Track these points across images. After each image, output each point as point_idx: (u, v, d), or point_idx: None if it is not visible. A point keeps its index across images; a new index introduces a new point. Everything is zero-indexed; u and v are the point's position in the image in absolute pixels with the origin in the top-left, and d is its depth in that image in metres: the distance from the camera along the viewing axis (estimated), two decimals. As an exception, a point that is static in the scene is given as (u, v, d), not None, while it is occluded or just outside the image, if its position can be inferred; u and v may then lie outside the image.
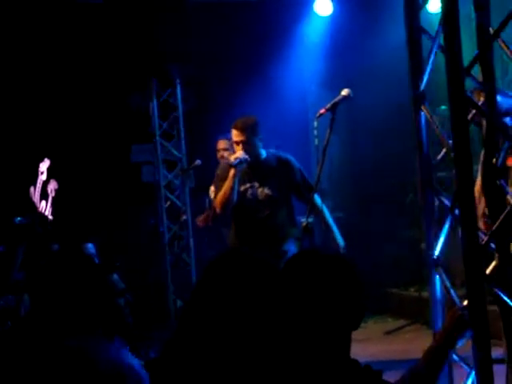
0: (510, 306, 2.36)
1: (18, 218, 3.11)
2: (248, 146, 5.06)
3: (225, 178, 5.11)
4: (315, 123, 4.22)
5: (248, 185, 5.15)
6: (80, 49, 7.57)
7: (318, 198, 4.97)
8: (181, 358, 1.88)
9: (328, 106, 4.24)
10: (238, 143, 5.11)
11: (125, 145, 8.21)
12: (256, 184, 5.15)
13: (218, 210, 5.25)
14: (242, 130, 5.08)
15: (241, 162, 5.02)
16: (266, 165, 5.19)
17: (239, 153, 5.05)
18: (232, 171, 5.02)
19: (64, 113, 7.93)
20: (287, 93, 7.66)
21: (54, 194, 8.68)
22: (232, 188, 5.05)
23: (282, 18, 7.56)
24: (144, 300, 6.84)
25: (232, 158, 5.09)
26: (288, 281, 1.94)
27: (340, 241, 4.99)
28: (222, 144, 6.50)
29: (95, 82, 7.84)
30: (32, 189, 8.72)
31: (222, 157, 6.47)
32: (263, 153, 5.20)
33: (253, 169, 5.17)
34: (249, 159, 5.05)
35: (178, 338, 1.94)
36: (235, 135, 5.11)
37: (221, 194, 5.10)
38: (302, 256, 2.05)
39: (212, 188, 6.13)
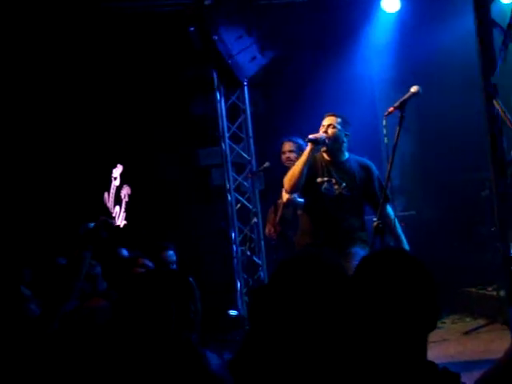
0: None
1: (91, 224, 3.17)
2: (332, 130, 5.04)
3: None
4: (384, 121, 4.17)
5: (326, 178, 5.12)
6: (147, 55, 7.70)
7: (390, 210, 4.96)
8: (258, 357, 1.89)
9: (397, 103, 4.18)
10: (326, 126, 5.09)
11: (192, 148, 8.30)
12: (333, 180, 5.11)
13: (286, 186, 5.24)
14: (334, 116, 5.09)
15: (317, 140, 4.99)
16: (347, 165, 5.17)
17: (320, 133, 5.04)
18: (309, 147, 5.01)
19: (134, 119, 8.07)
20: (356, 91, 7.59)
21: (127, 199, 8.88)
22: (303, 165, 5.01)
23: (350, 17, 7.51)
24: (215, 303, 6.89)
25: (311, 136, 5.07)
26: (364, 281, 1.92)
27: None
28: (287, 146, 6.48)
29: (162, 86, 7.96)
30: (106, 194, 8.93)
31: (288, 159, 6.46)
32: (346, 153, 5.18)
33: (333, 165, 5.15)
34: (327, 141, 5.02)
35: (253, 338, 1.94)
36: (326, 120, 5.10)
37: (291, 171, 5.10)
38: (377, 256, 2.02)
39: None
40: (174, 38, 7.39)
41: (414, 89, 4.20)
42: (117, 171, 8.91)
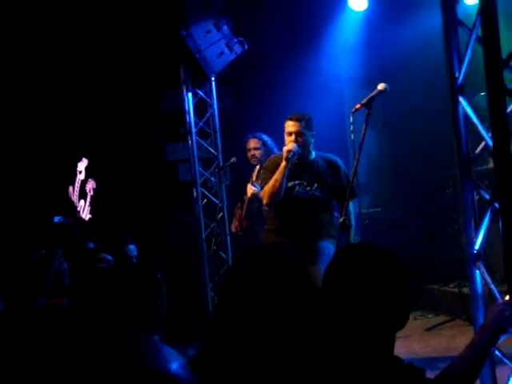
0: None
1: (57, 218, 3.13)
2: (301, 138, 5.06)
3: (274, 171, 5.12)
4: (351, 118, 4.19)
5: (297, 181, 5.16)
6: (114, 49, 7.64)
7: (352, 206, 4.99)
8: (219, 356, 1.88)
9: (364, 100, 4.21)
10: (291, 134, 5.09)
11: (160, 143, 8.27)
12: (304, 183, 5.17)
13: (265, 201, 5.26)
14: (297, 121, 5.07)
15: (294, 154, 5.02)
16: (316, 165, 5.20)
17: (291, 145, 5.04)
18: (284, 163, 5.03)
19: (100, 112, 8.01)
20: (323, 89, 7.63)
21: (92, 193, 8.80)
22: (282, 180, 5.07)
23: (317, 15, 7.54)
24: (181, 297, 6.88)
25: (285, 150, 5.07)
26: (335, 276, 1.92)
27: None
28: (252, 143, 6.49)
29: (130, 81, 7.90)
30: (71, 188, 8.83)
31: (253, 156, 6.46)
32: (313, 152, 5.22)
33: (302, 166, 5.18)
34: (300, 152, 5.04)
35: (213, 336, 1.93)
36: (290, 126, 5.09)
37: (269, 185, 5.12)
38: (349, 252, 2.01)
39: (249, 185, 6.14)
40: (143, 31, 7.34)
41: (380, 86, 4.23)
42: (82, 165, 8.84)
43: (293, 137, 5.06)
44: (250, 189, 5.96)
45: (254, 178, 6.50)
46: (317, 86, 7.50)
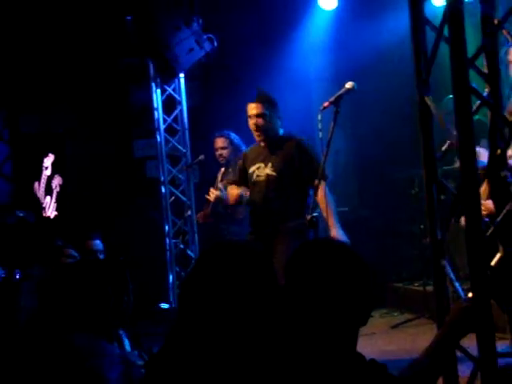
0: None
1: (20, 213, 3.11)
2: (262, 119, 4.82)
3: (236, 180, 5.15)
4: (319, 116, 4.19)
5: (256, 166, 4.94)
6: (83, 44, 7.57)
7: (327, 190, 4.70)
8: (177, 356, 1.86)
9: (332, 99, 4.22)
10: (251, 117, 4.84)
11: (128, 140, 8.23)
12: (262, 164, 4.92)
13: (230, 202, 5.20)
14: (258, 102, 4.81)
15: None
16: (279, 144, 4.90)
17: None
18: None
19: (67, 107, 7.94)
20: (292, 87, 7.64)
21: (58, 189, 8.72)
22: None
23: (286, 13, 7.55)
24: (147, 295, 6.84)
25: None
26: (296, 271, 1.91)
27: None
28: (219, 142, 6.49)
29: (98, 77, 7.84)
30: (36, 184, 8.75)
31: (221, 155, 6.45)
32: (280, 131, 4.92)
33: (267, 148, 4.92)
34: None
35: (174, 335, 1.92)
36: (251, 108, 4.83)
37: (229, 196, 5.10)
38: (311, 246, 2.01)
39: (212, 189, 6.10)
40: (113, 26, 7.28)
41: (348, 85, 4.25)
42: (48, 160, 8.76)
43: (254, 121, 4.81)
44: (213, 193, 5.92)
45: (220, 178, 6.49)
46: (286, 84, 7.50)
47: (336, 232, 4.63)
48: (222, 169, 6.54)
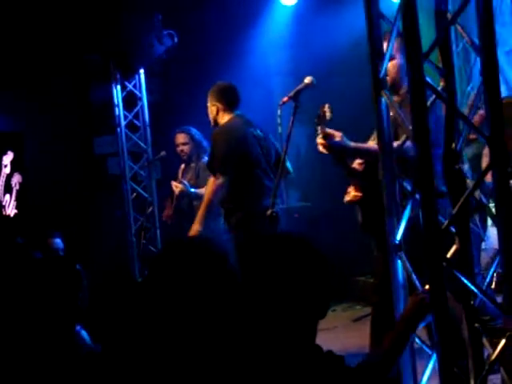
0: (470, 289, 2.38)
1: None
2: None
3: None
4: (279, 111, 4.20)
5: None
6: (43, 40, 7.47)
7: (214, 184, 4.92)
8: (135, 347, 1.86)
9: (291, 93, 4.23)
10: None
11: (88, 137, 8.15)
12: None
13: None
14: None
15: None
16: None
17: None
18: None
19: (27, 104, 7.82)
20: (252, 82, 7.64)
21: (18, 188, 8.60)
22: None
23: (247, 8, 7.55)
24: (109, 292, 6.78)
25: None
26: (253, 265, 1.92)
27: None
28: (180, 138, 6.45)
29: (58, 73, 7.75)
30: (-5, 182, 8.61)
31: (182, 151, 6.42)
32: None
33: None
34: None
35: (133, 326, 1.92)
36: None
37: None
38: (267, 240, 2.03)
39: (174, 183, 6.12)
40: (74, 22, 7.19)
41: (307, 80, 4.26)
42: (7, 158, 8.64)
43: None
44: (177, 186, 5.90)
45: (180, 175, 6.47)
46: (247, 79, 7.50)
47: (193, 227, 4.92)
48: (183, 165, 6.52)
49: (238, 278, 1.94)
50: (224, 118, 5.01)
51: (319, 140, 3.82)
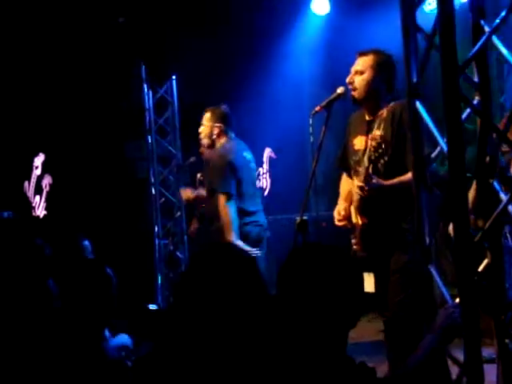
0: (502, 304, 2.37)
1: (5, 213, 3.10)
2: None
3: None
4: (310, 121, 4.21)
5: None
6: (74, 45, 7.56)
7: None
8: (167, 359, 1.87)
9: (323, 103, 4.24)
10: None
11: (119, 140, 8.22)
12: None
13: None
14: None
15: None
16: None
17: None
18: None
19: (59, 108, 7.92)
20: (284, 90, 7.67)
21: (48, 189, 8.70)
22: None
23: (279, 16, 7.57)
24: (135, 296, 6.83)
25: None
26: (290, 275, 1.93)
27: None
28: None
29: (89, 77, 7.83)
30: (26, 183, 8.73)
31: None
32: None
33: None
34: None
35: (165, 335, 1.93)
36: None
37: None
38: (302, 251, 2.03)
39: (183, 191, 6.17)
40: (105, 28, 7.29)
41: (340, 90, 4.26)
42: (38, 160, 8.74)
43: None
44: (185, 194, 5.98)
45: (197, 183, 6.49)
46: (279, 88, 7.54)
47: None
48: (198, 175, 6.52)
49: (266, 284, 1.95)
50: (222, 140, 5.23)
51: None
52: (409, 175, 3.80)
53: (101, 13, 7.18)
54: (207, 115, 5.36)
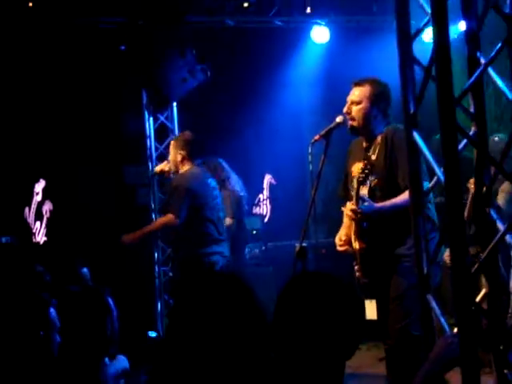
0: (501, 332, 2.37)
1: (5, 238, 3.12)
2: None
3: None
4: (310, 149, 4.25)
5: None
6: (75, 70, 7.62)
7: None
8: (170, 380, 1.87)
9: (322, 132, 4.27)
10: None
11: (119, 166, 8.24)
12: None
13: None
14: None
15: None
16: None
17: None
18: None
19: (60, 134, 7.95)
20: (283, 119, 7.71)
21: (48, 215, 8.71)
22: None
23: (279, 45, 7.64)
24: (134, 323, 6.81)
25: None
26: (287, 303, 1.93)
27: None
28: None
29: (90, 104, 7.88)
30: (27, 209, 8.74)
31: None
32: None
33: None
34: None
35: (164, 360, 1.93)
36: None
37: None
38: (302, 279, 2.03)
39: None
40: (107, 54, 7.35)
41: (339, 119, 4.30)
42: (39, 186, 8.76)
43: None
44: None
45: None
46: (278, 116, 7.58)
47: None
48: None
49: (264, 313, 1.95)
50: (185, 167, 5.45)
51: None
52: (401, 197, 3.85)
53: (103, 40, 7.26)
54: (172, 142, 5.51)
